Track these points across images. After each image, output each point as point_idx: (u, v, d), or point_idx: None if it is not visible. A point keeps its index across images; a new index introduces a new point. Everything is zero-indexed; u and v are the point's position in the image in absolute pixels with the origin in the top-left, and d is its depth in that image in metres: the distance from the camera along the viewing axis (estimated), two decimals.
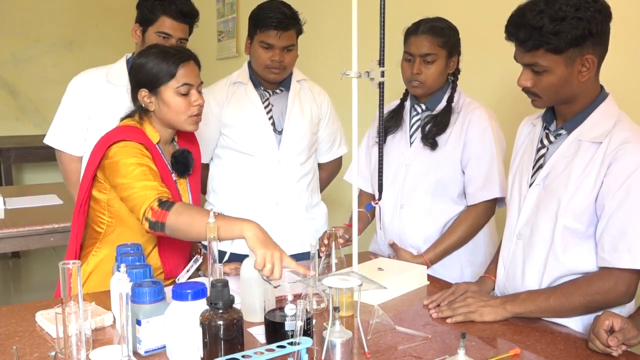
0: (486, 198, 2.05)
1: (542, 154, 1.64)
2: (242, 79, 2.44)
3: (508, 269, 1.70)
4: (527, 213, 1.64)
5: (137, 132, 1.79)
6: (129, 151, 1.71)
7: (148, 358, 1.37)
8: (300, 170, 2.44)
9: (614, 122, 1.51)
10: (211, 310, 1.27)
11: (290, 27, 2.30)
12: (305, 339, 1.22)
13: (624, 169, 1.44)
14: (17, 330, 1.52)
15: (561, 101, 1.56)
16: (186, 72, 1.77)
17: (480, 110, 2.07)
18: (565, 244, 1.54)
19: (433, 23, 2.06)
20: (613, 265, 1.46)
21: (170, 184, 1.80)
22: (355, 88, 1.58)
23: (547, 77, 1.50)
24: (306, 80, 2.51)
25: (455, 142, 2.07)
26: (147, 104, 1.80)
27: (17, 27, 6.08)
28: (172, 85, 1.76)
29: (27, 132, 6.14)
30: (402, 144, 2.16)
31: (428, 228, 2.12)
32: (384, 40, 1.58)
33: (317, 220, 2.53)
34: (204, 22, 2.50)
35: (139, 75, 1.79)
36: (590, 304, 1.49)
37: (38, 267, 5.26)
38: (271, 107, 2.42)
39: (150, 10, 2.29)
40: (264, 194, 2.40)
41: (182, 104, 1.78)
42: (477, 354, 1.37)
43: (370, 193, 2.31)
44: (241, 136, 2.39)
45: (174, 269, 1.88)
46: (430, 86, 2.08)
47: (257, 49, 2.33)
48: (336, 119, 2.60)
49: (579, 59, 1.47)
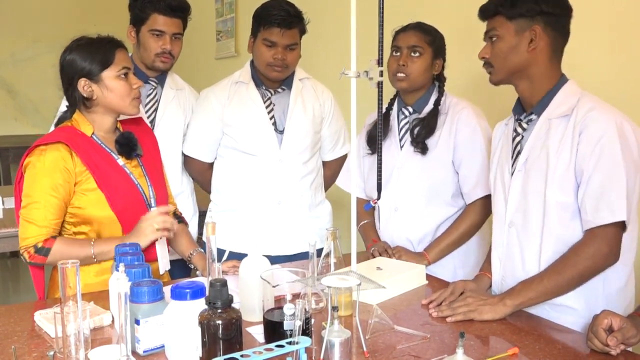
0: (480, 195, 2.08)
1: (517, 141, 1.71)
2: (244, 78, 2.44)
3: (504, 261, 1.73)
4: (516, 200, 1.69)
5: (64, 131, 1.82)
6: (37, 173, 1.76)
7: (147, 357, 1.37)
8: (302, 169, 2.44)
9: (578, 97, 1.62)
10: (210, 310, 1.27)
11: (294, 25, 2.30)
12: (304, 339, 1.22)
13: (593, 134, 1.53)
14: (16, 330, 1.52)
15: (511, 72, 1.65)
16: (122, 57, 1.83)
17: (467, 110, 2.10)
18: (558, 220, 1.59)
19: (421, 23, 2.13)
20: (595, 224, 1.52)
21: (115, 170, 1.85)
22: (354, 88, 1.58)
23: (498, 44, 1.65)
24: (309, 79, 2.51)
25: (445, 144, 2.10)
26: (89, 93, 1.81)
27: (17, 27, 6.08)
28: (112, 70, 1.81)
29: (26, 132, 6.14)
30: (393, 148, 2.18)
31: (422, 230, 2.15)
32: (383, 39, 1.59)
33: (320, 219, 2.52)
34: (202, 21, 2.51)
35: (76, 67, 1.80)
36: (582, 272, 1.54)
37: None
38: (273, 106, 2.41)
39: (140, 10, 2.30)
40: (266, 194, 2.40)
41: (125, 88, 1.82)
42: (476, 354, 1.37)
43: (364, 198, 2.32)
44: (242, 136, 2.39)
45: (147, 252, 1.87)
46: (414, 80, 2.09)
47: (260, 46, 2.33)
48: (340, 117, 2.60)
49: (528, 31, 1.61)
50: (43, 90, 5.99)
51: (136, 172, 1.91)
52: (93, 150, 1.82)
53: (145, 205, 1.89)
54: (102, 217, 1.81)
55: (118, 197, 1.82)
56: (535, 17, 1.60)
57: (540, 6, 1.59)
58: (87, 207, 1.80)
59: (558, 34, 1.63)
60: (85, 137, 1.83)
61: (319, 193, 2.55)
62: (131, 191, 1.86)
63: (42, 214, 1.75)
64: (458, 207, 2.15)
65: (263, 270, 1.52)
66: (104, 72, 1.80)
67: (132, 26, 2.36)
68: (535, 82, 1.65)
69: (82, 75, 1.80)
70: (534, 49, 1.61)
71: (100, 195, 1.80)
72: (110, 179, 1.82)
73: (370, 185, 2.25)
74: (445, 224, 2.14)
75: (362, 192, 2.32)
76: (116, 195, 1.82)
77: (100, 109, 1.84)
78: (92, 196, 1.79)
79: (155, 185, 1.94)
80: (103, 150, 1.85)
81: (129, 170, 1.89)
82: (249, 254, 1.61)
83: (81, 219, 1.82)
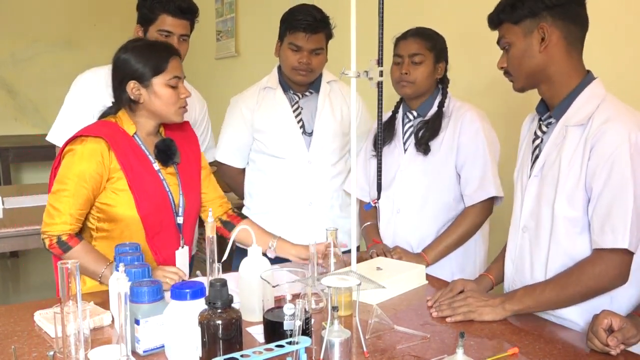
0: (483, 198, 2.08)
1: (537, 144, 1.67)
2: (272, 83, 2.47)
3: (517, 264, 1.71)
4: (530, 205, 1.66)
5: (107, 126, 1.83)
6: (75, 160, 1.77)
7: (147, 357, 1.37)
8: (332, 171, 2.45)
9: (598, 103, 1.53)
10: (210, 310, 1.27)
11: (319, 30, 2.32)
12: (303, 339, 1.22)
13: (604, 150, 1.46)
14: (16, 329, 1.52)
15: (531, 76, 1.60)
16: (175, 65, 1.84)
17: (471, 112, 2.10)
18: (565, 233, 1.55)
19: (421, 29, 2.13)
20: (600, 246, 1.47)
21: (149, 173, 1.85)
22: (354, 87, 1.58)
23: (511, 51, 1.60)
24: (337, 82, 2.52)
25: (448, 147, 2.10)
26: (136, 96, 1.82)
27: (16, 27, 6.08)
28: (164, 77, 1.81)
29: (26, 132, 6.14)
30: (397, 151, 2.20)
31: (422, 233, 2.15)
32: (383, 39, 1.59)
33: (352, 218, 2.52)
34: (202, 21, 2.51)
35: (126, 68, 1.82)
36: (585, 291, 1.50)
37: (36, 266, 5.27)
38: (301, 110, 2.44)
39: (149, 10, 2.30)
40: (297, 196, 2.42)
41: (173, 96, 1.83)
42: (476, 354, 1.37)
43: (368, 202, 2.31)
44: (271, 140, 2.42)
45: (167, 259, 1.89)
46: (418, 86, 2.10)
47: (286, 50, 2.35)
48: (369, 119, 2.58)
49: (537, 30, 1.55)
50: (43, 90, 6.00)
51: (170, 179, 1.91)
52: (131, 150, 1.84)
53: (172, 213, 1.89)
54: (128, 218, 1.82)
55: (146, 200, 1.82)
56: (540, 13, 1.53)
57: (542, 2, 1.53)
58: (116, 205, 1.81)
59: (571, 24, 1.54)
60: (127, 135, 1.85)
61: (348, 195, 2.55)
62: (160, 197, 1.87)
63: (69, 203, 1.77)
64: (459, 212, 2.14)
65: (263, 270, 1.53)
66: (155, 78, 1.81)
67: (139, 26, 2.36)
68: (556, 81, 1.57)
69: (133, 78, 1.81)
70: (546, 47, 1.55)
71: (130, 196, 1.81)
72: (142, 182, 1.83)
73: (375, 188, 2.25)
74: (446, 227, 2.14)
75: (367, 196, 2.32)
76: (144, 198, 1.82)
77: (145, 112, 1.86)
78: (122, 196, 1.81)
79: (187, 195, 1.94)
80: (141, 151, 1.87)
81: (163, 176, 1.89)
82: (248, 254, 1.61)
83: (107, 216, 1.83)
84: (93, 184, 1.78)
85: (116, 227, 1.83)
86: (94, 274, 1.77)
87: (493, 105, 2.39)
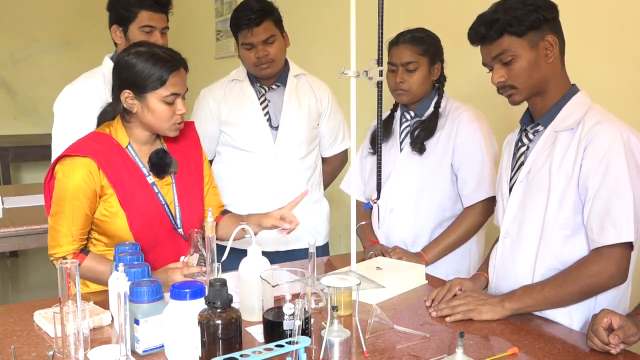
0: (481, 198, 2.08)
1: (522, 152, 1.68)
2: (239, 76, 2.48)
3: (498, 269, 1.72)
4: (513, 211, 1.67)
5: (98, 141, 1.77)
6: (67, 182, 1.72)
7: (146, 357, 1.37)
8: (299, 166, 2.45)
9: (586, 109, 1.57)
10: (209, 310, 1.27)
11: (263, 19, 2.31)
12: (303, 338, 1.22)
13: (599, 149, 1.49)
14: (15, 329, 1.52)
15: (536, 88, 1.60)
16: (176, 81, 1.73)
17: (468, 112, 2.10)
18: (556, 237, 1.56)
19: (413, 33, 2.11)
20: (601, 244, 1.48)
21: (142, 188, 1.80)
22: (354, 87, 1.58)
23: (517, 64, 1.57)
24: (304, 75, 2.52)
25: (444, 147, 2.10)
26: (129, 106, 1.75)
27: (16, 26, 6.08)
28: (160, 93, 1.71)
29: (25, 132, 6.14)
30: (393, 150, 2.19)
31: (415, 232, 2.15)
32: (383, 39, 1.58)
33: (316, 217, 2.52)
34: (202, 21, 2.51)
35: (125, 75, 1.73)
36: (584, 289, 1.51)
37: (36, 266, 5.26)
38: (267, 103, 2.44)
39: (126, 9, 2.28)
40: (262, 189, 2.42)
41: (167, 113, 1.74)
42: (475, 353, 1.37)
43: (364, 202, 2.31)
44: (238, 133, 2.42)
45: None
46: (415, 93, 2.10)
47: (242, 51, 2.38)
48: (338, 113, 2.60)
49: (542, 42, 1.56)
50: (42, 89, 5.99)
51: (166, 190, 1.85)
52: (123, 165, 1.77)
53: (171, 224, 1.85)
54: (122, 233, 1.77)
55: (139, 218, 1.77)
56: (542, 26, 1.55)
57: (542, 14, 1.54)
58: (109, 222, 1.77)
59: (561, 37, 1.59)
60: (120, 148, 1.78)
61: (316, 191, 2.55)
62: (154, 212, 1.81)
63: (68, 224, 1.73)
64: (454, 211, 2.14)
65: (263, 270, 1.52)
66: (151, 93, 1.71)
67: (117, 26, 2.33)
68: (550, 91, 1.60)
69: (128, 87, 1.73)
70: (552, 59, 1.57)
71: (122, 214, 1.76)
72: (134, 199, 1.77)
73: (370, 188, 2.25)
74: (440, 227, 2.14)
75: (362, 195, 2.31)
76: (137, 215, 1.77)
77: (139, 123, 1.78)
78: (115, 213, 1.76)
79: (184, 205, 1.88)
80: (135, 165, 1.80)
81: (158, 188, 1.83)
82: (248, 253, 1.61)
83: (101, 230, 1.80)
84: (87, 202, 1.73)
85: (112, 241, 1.79)
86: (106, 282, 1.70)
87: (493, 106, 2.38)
